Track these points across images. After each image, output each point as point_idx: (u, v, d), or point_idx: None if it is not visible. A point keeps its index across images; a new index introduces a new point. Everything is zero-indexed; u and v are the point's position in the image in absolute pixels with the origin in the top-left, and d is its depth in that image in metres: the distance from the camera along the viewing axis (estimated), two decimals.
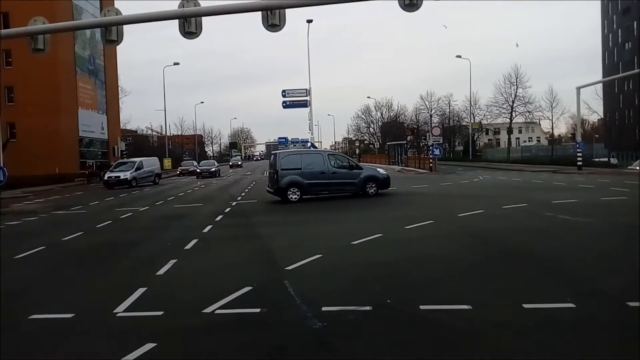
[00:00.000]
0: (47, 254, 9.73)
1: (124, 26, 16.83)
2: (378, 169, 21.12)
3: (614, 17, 65.06)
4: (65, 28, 22.34)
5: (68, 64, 40.35)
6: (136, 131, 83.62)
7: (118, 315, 5.60)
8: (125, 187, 30.27)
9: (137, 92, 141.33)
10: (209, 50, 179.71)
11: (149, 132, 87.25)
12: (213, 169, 43.49)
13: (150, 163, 35.70)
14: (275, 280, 6.81)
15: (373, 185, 18.83)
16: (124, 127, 62.20)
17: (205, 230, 11.68)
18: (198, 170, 44.11)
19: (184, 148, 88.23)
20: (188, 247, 9.55)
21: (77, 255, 9.56)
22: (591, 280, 6.43)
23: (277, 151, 22.00)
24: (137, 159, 34.84)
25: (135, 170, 32.57)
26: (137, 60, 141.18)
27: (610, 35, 66.10)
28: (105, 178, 31.92)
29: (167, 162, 51.47)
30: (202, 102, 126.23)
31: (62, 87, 39.57)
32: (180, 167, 52.05)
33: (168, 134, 66.89)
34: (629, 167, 42.59)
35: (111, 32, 16.61)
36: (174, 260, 8.20)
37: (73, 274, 7.97)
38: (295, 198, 17.97)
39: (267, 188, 19.73)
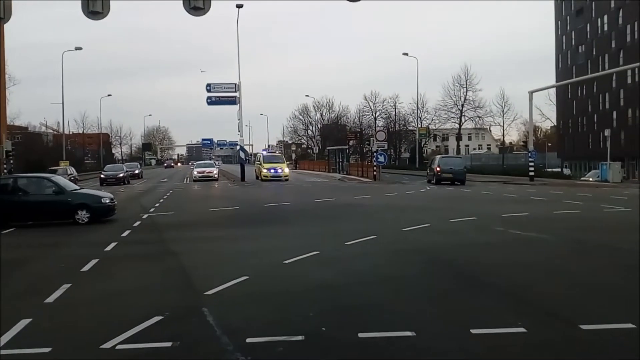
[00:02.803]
0: None
1: (13, 1, 15.97)
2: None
3: (567, 18, 69.60)
4: None
5: None
6: (27, 128, 79.56)
7: None
8: None
9: (30, 80, 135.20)
10: (119, 35, 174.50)
11: (43, 129, 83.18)
12: (121, 175, 41.93)
13: None
14: (192, 307, 6.62)
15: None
16: (11, 123, 58.66)
17: (109, 248, 11.24)
18: (102, 176, 42.31)
19: (85, 149, 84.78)
20: (86, 268, 9.14)
21: None
22: (543, 302, 6.73)
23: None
24: None
25: None
26: (31, 43, 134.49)
27: (564, 37, 70.57)
28: None
29: (64, 165, 48.48)
30: (109, 95, 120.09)
31: None
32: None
33: (67, 131, 63.99)
34: (582, 179, 45.63)
35: None
36: (68, 285, 7.81)
37: None
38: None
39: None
